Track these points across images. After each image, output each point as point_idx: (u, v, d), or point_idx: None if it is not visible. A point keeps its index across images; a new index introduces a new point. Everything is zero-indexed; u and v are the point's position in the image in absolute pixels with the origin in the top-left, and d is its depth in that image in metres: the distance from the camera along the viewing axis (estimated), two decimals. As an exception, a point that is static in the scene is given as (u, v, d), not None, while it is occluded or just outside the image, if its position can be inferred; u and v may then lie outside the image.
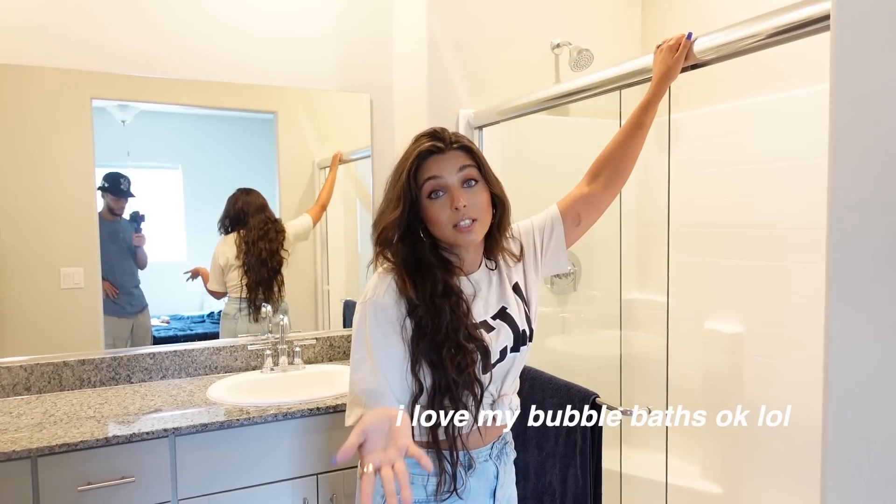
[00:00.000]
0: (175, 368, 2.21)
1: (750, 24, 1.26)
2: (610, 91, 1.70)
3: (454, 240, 1.16)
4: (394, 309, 1.13)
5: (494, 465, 1.26)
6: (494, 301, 1.24)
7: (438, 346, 1.12)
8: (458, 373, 1.12)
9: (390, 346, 1.12)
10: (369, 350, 1.11)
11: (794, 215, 2.09)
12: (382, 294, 1.14)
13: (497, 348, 1.20)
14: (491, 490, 1.26)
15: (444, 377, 1.12)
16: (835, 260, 0.75)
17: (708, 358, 2.38)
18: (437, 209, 1.14)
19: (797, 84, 2.08)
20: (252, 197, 2.36)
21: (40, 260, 2.04)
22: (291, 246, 2.43)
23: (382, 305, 1.13)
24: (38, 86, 2.02)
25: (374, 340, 1.12)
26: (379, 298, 1.13)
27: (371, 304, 1.13)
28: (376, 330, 1.12)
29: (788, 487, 2.11)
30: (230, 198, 2.33)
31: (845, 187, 0.74)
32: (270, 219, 2.38)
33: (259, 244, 2.35)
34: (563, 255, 1.37)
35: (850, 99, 0.74)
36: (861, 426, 0.72)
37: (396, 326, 1.13)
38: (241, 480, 1.80)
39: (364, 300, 1.15)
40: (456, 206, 1.13)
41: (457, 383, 1.13)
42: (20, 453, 1.54)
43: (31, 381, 2.02)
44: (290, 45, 2.36)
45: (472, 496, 1.23)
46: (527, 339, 1.27)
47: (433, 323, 1.12)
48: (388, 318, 1.13)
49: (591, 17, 2.63)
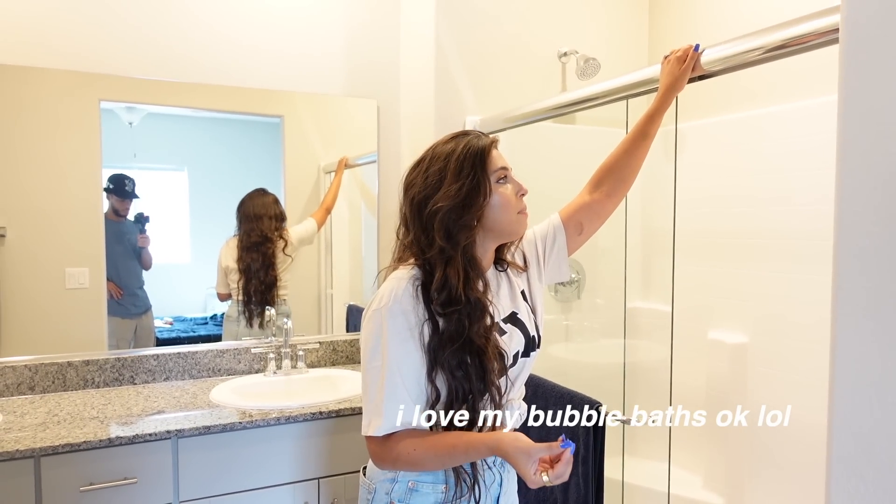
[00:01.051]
0: (178, 370, 2.22)
1: (757, 37, 1.26)
2: (616, 101, 1.70)
3: (516, 226, 1.21)
4: (412, 315, 1.12)
5: (498, 474, 1.26)
6: (506, 305, 1.25)
7: (463, 351, 1.11)
8: (479, 378, 1.12)
9: (409, 354, 1.11)
10: (389, 358, 1.10)
11: (799, 225, 2.09)
12: (401, 299, 1.12)
13: (511, 353, 1.21)
14: (495, 498, 1.26)
15: (465, 385, 1.12)
16: (841, 269, 0.75)
17: (711, 368, 2.37)
18: (509, 194, 1.19)
19: (804, 95, 2.09)
20: (259, 199, 2.36)
21: (46, 260, 2.05)
22: (295, 251, 2.43)
23: (402, 311, 1.11)
24: (47, 87, 2.03)
25: (392, 348, 1.10)
26: (398, 304, 1.12)
27: (388, 310, 1.11)
28: (395, 337, 1.11)
29: (790, 498, 2.10)
30: (243, 197, 2.34)
31: (852, 198, 0.74)
32: (273, 224, 2.38)
33: (254, 250, 2.36)
34: (564, 263, 1.38)
35: (857, 110, 0.74)
36: (866, 438, 0.71)
37: (415, 332, 1.12)
38: (243, 483, 1.80)
39: (380, 306, 1.12)
40: (523, 192, 1.21)
41: (476, 390, 1.13)
42: (23, 453, 1.55)
43: (36, 381, 2.03)
44: (297, 50, 2.37)
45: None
46: (536, 345, 1.28)
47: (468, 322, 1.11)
48: (407, 324, 1.11)
49: (598, 27, 2.64)
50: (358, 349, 2.49)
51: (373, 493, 1.21)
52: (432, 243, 1.14)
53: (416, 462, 1.12)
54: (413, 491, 1.18)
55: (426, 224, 1.15)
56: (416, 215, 1.17)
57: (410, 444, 1.11)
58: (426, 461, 1.12)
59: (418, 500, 1.18)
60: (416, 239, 1.17)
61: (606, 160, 1.42)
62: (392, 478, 1.19)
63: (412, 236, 1.18)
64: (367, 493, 1.22)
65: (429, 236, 1.15)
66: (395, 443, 1.12)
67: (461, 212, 1.13)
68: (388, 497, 1.19)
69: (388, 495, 1.19)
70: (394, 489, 1.19)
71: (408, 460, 1.12)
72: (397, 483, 1.19)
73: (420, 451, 1.11)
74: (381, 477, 1.20)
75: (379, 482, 1.20)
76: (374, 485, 1.21)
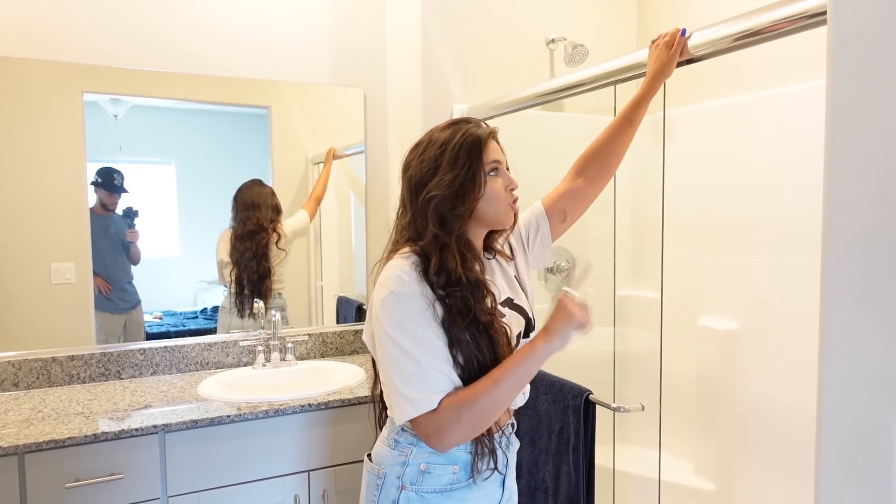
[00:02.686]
0: (166, 364, 2.20)
1: (746, 19, 1.25)
2: (604, 86, 1.69)
3: (503, 217, 1.23)
4: (421, 297, 1.12)
5: (504, 453, 1.27)
6: (503, 289, 1.27)
7: (475, 324, 1.13)
8: (490, 350, 1.14)
9: (431, 330, 1.11)
10: (414, 337, 1.10)
11: (788, 211, 2.08)
12: (409, 283, 1.12)
13: (513, 334, 1.23)
14: (501, 479, 1.27)
15: (478, 356, 1.13)
16: (830, 256, 0.74)
17: (702, 355, 2.38)
18: (498, 186, 1.21)
19: (793, 80, 2.08)
20: (257, 188, 2.34)
21: (30, 255, 2.02)
22: (289, 244, 2.41)
23: (412, 294, 1.12)
24: (28, 78, 1.99)
25: (414, 327, 1.11)
26: (408, 287, 1.12)
27: (400, 294, 1.12)
28: (415, 317, 1.11)
29: (781, 484, 2.11)
30: (240, 186, 2.32)
31: (841, 183, 0.73)
32: (270, 215, 2.35)
33: (248, 239, 2.34)
34: (548, 250, 1.42)
35: (846, 94, 0.73)
36: (855, 423, 0.71)
37: (428, 313, 1.12)
38: (232, 477, 1.79)
39: (390, 292, 1.12)
40: (512, 187, 1.23)
41: (489, 360, 1.14)
42: (7, 450, 1.53)
43: (20, 377, 2.00)
44: (283, 39, 2.34)
45: (486, 484, 1.23)
46: (533, 326, 1.31)
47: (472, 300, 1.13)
48: (420, 305, 1.12)
49: (585, 13, 2.62)
50: (348, 341, 2.47)
51: (383, 478, 1.20)
52: (426, 228, 1.16)
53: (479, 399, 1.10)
54: (425, 473, 1.18)
55: (422, 209, 1.17)
56: (413, 197, 1.20)
57: (464, 393, 1.11)
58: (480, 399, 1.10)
59: (430, 482, 1.19)
60: (413, 221, 1.20)
61: (591, 146, 1.44)
62: (403, 461, 1.19)
63: (409, 217, 1.21)
64: (377, 479, 1.21)
65: (423, 221, 1.17)
66: (450, 403, 1.10)
67: (455, 201, 1.16)
68: (399, 481, 1.19)
69: (399, 479, 1.19)
70: (405, 472, 1.18)
71: (469, 408, 1.10)
72: (408, 466, 1.19)
73: (476, 390, 1.11)
74: (391, 461, 1.20)
75: (389, 466, 1.20)
76: (384, 469, 1.20)
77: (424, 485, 1.18)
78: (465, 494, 1.21)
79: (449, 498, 1.19)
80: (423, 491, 1.18)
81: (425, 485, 1.18)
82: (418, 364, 1.10)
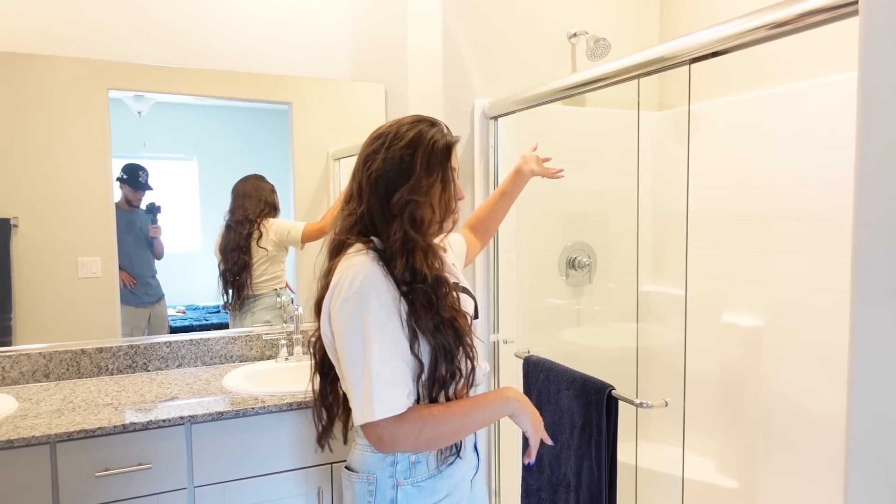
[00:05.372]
0: (191, 357, 2.23)
1: (772, 11, 1.23)
2: (627, 80, 1.67)
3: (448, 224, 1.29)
4: (387, 294, 1.12)
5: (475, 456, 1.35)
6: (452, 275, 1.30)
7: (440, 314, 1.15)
8: (457, 336, 1.17)
9: (395, 330, 1.12)
10: (381, 339, 1.10)
11: (814, 207, 2.05)
12: (374, 281, 1.11)
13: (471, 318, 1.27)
14: (473, 445, 1.33)
15: (445, 342, 1.15)
16: (860, 251, 0.73)
17: (725, 351, 2.35)
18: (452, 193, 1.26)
19: (821, 72, 2.04)
20: (253, 181, 2.33)
21: (58, 249, 2.06)
22: (272, 245, 2.38)
23: (377, 292, 1.11)
24: (56, 76, 2.03)
25: (380, 329, 1.10)
26: (373, 287, 1.11)
27: (365, 294, 1.10)
28: (379, 317, 1.10)
29: (805, 482, 2.09)
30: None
31: (872, 177, 0.72)
32: (258, 208, 2.34)
33: (232, 229, 2.33)
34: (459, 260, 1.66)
35: (877, 87, 0.72)
36: (886, 420, 0.70)
37: (393, 310, 1.12)
38: (257, 468, 1.81)
39: (353, 291, 1.10)
40: (460, 197, 1.29)
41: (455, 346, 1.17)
42: (39, 439, 1.56)
43: (50, 368, 2.05)
44: (304, 35, 2.36)
45: (466, 453, 1.28)
46: (477, 312, 1.36)
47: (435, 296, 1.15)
48: (385, 303, 1.11)
49: (607, 6, 2.60)
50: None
51: (375, 483, 1.20)
52: (388, 226, 1.17)
53: (441, 423, 1.13)
54: (416, 464, 1.20)
55: (392, 210, 1.17)
56: (373, 192, 1.19)
57: (436, 410, 1.14)
58: (446, 423, 1.14)
59: (422, 471, 1.21)
60: (369, 214, 1.19)
61: (477, 212, 1.88)
62: (392, 461, 1.19)
63: (364, 209, 1.20)
64: (368, 486, 1.20)
65: (387, 219, 1.18)
66: (417, 417, 1.12)
67: (432, 208, 1.20)
68: (392, 480, 1.19)
69: (392, 478, 1.19)
70: (397, 469, 1.19)
71: (434, 428, 1.13)
72: (399, 463, 1.19)
73: (440, 415, 1.14)
74: (380, 464, 1.20)
75: (379, 469, 1.20)
76: (374, 474, 1.20)
77: (417, 475, 1.20)
78: (454, 470, 1.24)
79: (441, 477, 1.22)
80: (417, 481, 1.20)
81: (418, 474, 1.20)
82: (386, 367, 1.09)
